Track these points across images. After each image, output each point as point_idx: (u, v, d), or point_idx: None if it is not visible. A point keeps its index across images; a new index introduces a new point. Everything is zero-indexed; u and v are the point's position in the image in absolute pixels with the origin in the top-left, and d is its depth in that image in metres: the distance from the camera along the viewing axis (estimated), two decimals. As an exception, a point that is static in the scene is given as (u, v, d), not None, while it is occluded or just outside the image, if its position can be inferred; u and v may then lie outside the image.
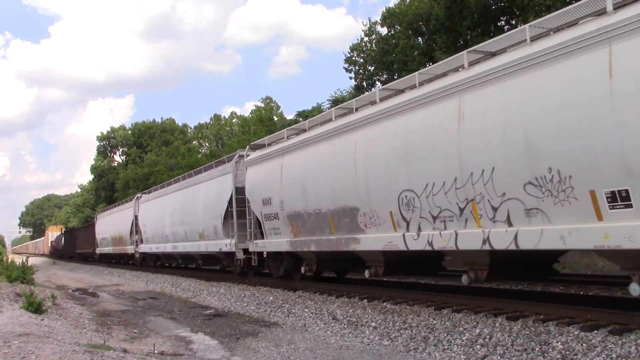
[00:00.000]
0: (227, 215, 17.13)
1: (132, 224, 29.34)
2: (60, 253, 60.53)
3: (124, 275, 27.62)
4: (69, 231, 58.82)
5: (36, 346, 6.62)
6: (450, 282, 13.40)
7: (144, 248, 27.61)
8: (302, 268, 13.81)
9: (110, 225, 34.93)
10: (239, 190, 16.38)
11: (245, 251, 16.12)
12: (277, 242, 14.27)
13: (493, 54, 8.48)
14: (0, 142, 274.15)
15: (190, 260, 23.51)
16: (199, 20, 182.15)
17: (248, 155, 16.05)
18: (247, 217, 15.81)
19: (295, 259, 14.30)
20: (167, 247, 23.70)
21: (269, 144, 15.08)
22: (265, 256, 15.24)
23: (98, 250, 39.27)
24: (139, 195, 30.13)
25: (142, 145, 65.17)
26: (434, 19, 24.27)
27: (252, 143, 16.66)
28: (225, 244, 17.30)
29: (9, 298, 11.87)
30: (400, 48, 26.63)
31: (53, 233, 74.69)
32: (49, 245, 73.06)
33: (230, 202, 16.88)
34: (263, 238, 15.21)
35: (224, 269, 19.84)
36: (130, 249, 30.24)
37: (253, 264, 15.88)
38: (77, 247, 48.67)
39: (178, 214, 22.01)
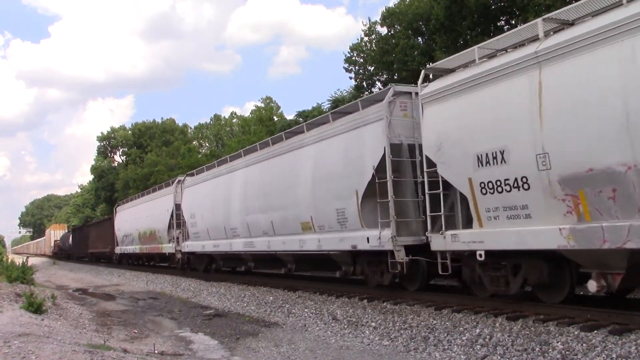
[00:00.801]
0: (371, 193, 10.94)
1: (172, 216, 23.08)
2: (67, 253, 56.11)
3: (124, 275, 27.62)
4: (79, 228, 52.26)
5: (36, 346, 6.63)
6: (450, 282, 13.38)
7: (191, 247, 21.06)
8: (594, 283, 7.38)
9: (137, 218, 28.59)
10: (394, 149, 10.52)
11: (410, 249, 10.22)
12: (517, 232, 7.98)
13: None
14: (0, 142, 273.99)
15: (269, 264, 16.75)
16: (199, 20, 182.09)
17: (425, 87, 9.79)
18: (426, 191, 9.67)
19: (552, 264, 8.15)
20: (235, 245, 16.96)
21: (478, 60, 8.84)
22: (480, 258, 8.68)
23: (118, 250, 33.31)
24: (180, 177, 23.57)
25: (142, 145, 65.14)
26: (434, 19, 24.25)
27: (430, 67, 10.37)
28: (368, 238, 10.93)
29: (9, 298, 11.89)
30: (400, 48, 26.60)
31: (57, 232, 70.26)
32: (52, 244, 68.41)
33: (379, 169, 10.66)
34: (456, 227, 9.28)
35: (347, 277, 13.22)
36: (167, 248, 23.93)
37: (443, 272, 9.55)
38: (89, 247, 43.44)
39: (257, 196, 15.39)
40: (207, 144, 63.34)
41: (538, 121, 7.55)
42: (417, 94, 10.21)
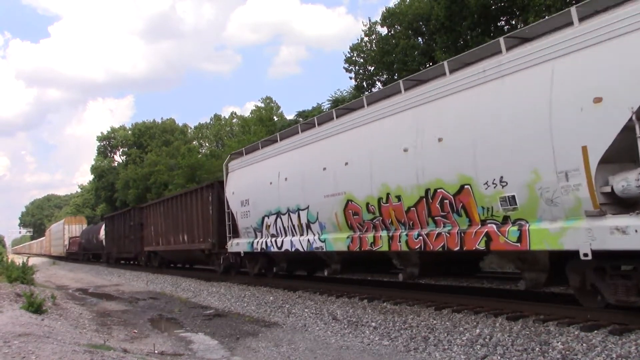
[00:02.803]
0: None
1: None
2: (93, 254, 41.69)
3: (124, 275, 27.58)
4: (121, 215, 32.73)
5: (36, 346, 6.63)
6: (450, 282, 13.41)
7: None
8: None
9: (340, 164, 11.27)
10: None
11: None
12: None
13: None
14: (0, 142, 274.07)
15: None
16: (198, 20, 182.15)
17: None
18: None
19: None
20: None
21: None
22: None
23: (237, 246, 16.28)
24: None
25: (143, 145, 65.18)
26: (434, 19, 24.25)
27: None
28: None
29: (9, 298, 11.89)
30: (400, 48, 26.60)
31: (73, 226, 54.75)
32: (66, 243, 53.58)
33: None
34: None
35: None
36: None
37: None
38: (144, 242, 27.15)
39: None
40: (207, 144, 63.35)
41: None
42: None
